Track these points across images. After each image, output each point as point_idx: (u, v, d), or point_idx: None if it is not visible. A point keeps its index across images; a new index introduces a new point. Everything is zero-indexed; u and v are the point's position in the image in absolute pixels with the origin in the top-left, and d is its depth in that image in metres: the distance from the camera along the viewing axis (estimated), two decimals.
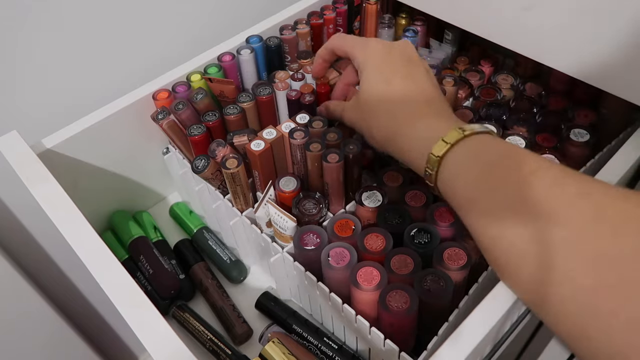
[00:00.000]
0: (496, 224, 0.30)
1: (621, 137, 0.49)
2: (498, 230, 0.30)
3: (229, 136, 0.48)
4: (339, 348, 0.46)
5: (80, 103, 0.63)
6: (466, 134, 0.33)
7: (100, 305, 0.93)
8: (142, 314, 0.35)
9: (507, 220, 0.30)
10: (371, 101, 0.40)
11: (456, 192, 0.34)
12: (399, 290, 0.38)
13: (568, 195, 0.28)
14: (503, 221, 0.30)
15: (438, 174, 0.34)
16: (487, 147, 0.33)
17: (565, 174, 0.29)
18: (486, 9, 0.47)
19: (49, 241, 0.77)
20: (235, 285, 0.56)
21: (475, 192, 0.32)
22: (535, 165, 0.30)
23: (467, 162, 0.33)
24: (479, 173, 0.32)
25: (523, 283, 0.30)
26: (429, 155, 0.34)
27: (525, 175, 0.30)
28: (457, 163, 0.33)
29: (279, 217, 0.44)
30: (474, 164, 0.33)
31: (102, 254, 0.38)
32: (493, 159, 0.32)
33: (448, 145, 0.33)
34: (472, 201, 0.32)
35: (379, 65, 0.41)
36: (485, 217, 0.31)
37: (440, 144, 0.34)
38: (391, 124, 0.38)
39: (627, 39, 0.39)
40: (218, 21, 0.73)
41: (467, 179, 0.33)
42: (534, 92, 0.53)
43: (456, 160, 0.33)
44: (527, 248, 0.28)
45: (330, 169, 0.43)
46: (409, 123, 0.37)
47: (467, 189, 0.33)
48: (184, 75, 0.53)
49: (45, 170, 0.44)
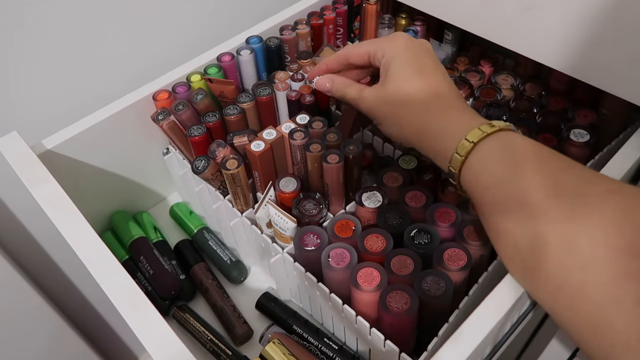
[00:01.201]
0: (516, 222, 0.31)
1: (621, 137, 0.49)
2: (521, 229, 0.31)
3: (229, 137, 0.48)
4: (339, 349, 0.46)
5: (80, 104, 0.63)
6: (490, 131, 0.34)
7: (100, 305, 0.93)
8: (142, 315, 0.35)
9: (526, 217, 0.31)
10: (405, 93, 0.39)
11: (478, 189, 0.34)
12: (399, 291, 0.38)
13: (597, 192, 0.29)
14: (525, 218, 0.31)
15: (462, 170, 0.35)
16: (514, 145, 0.33)
17: (591, 172, 0.31)
18: (486, 9, 0.47)
19: (49, 242, 0.77)
20: (235, 285, 0.56)
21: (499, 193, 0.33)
22: (564, 164, 0.32)
23: (492, 158, 0.33)
24: (504, 171, 0.33)
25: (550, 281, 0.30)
26: (463, 141, 0.34)
27: (551, 171, 0.31)
28: (482, 160, 0.34)
29: (279, 218, 0.44)
30: (499, 161, 0.33)
31: (102, 255, 0.38)
32: (525, 152, 0.33)
33: (484, 133, 0.34)
34: (495, 203, 0.33)
35: (412, 58, 0.40)
36: (504, 215, 0.32)
37: (476, 132, 0.34)
38: (424, 116, 0.38)
39: (627, 39, 0.39)
40: (218, 22, 0.72)
41: (490, 178, 0.33)
42: (534, 92, 0.53)
43: (480, 157, 0.34)
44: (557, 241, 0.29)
45: (330, 170, 0.43)
46: (442, 116, 0.37)
47: (490, 187, 0.33)
48: (184, 76, 0.53)
49: (46, 171, 0.44)
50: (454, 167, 0.35)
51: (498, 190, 0.32)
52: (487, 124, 0.35)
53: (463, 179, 0.35)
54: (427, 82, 0.39)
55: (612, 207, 0.28)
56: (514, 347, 0.54)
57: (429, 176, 0.46)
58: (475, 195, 0.35)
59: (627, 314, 0.25)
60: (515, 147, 0.33)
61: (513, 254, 0.32)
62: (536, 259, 0.30)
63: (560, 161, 0.32)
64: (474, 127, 0.34)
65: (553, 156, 0.33)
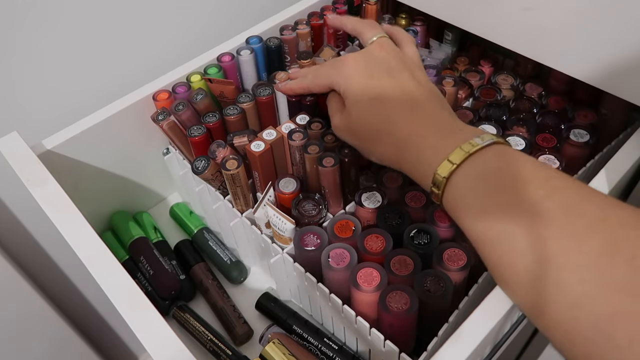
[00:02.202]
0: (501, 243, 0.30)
1: (621, 137, 0.49)
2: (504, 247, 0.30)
3: (229, 137, 0.48)
4: (339, 349, 0.46)
5: (80, 104, 0.63)
6: (472, 151, 0.32)
7: (100, 305, 0.93)
8: (142, 315, 0.35)
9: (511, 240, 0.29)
10: (365, 125, 0.38)
11: (461, 213, 0.33)
12: (399, 291, 0.38)
13: (585, 221, 0.28)
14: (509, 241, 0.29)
15: (444, 193, 0.33)
16: (495, 166, 0.32)
17: (578, 196, 0.29)
18: (486, 9, 0.47)
19: (49, 242, 0.77)
20: (235, 285, 0.56)
21: (482, 215, 0.31)
22: (548, 187, 0.29)
23: (473, 183, 0.32)
24: (486, 194, 0.31)
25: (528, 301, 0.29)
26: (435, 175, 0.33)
27: (537, 200, 0.29)
28: (463, 184, 0.32)
29: (278, 219, 0.44)
30: (481, 185, 0.31)
31: (103, 255, 0.38)
32: (501, 181, 0.31)
33: (454, 165, 0.32)
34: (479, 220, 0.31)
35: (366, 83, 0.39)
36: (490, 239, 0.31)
37: (446, 164, 0.32)
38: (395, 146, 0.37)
39: (627, 39, 0.39)
40: (218, 22, 0.73)
41: (473, 201, 0.32)
42: (534, 92, 0.53)
43: (461, 181, 0.32)
44: (536, 269, 0.28)
45: (325, 173, 0.43)
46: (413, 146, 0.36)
47: (473, 210, 0.32)
48: (184, 76, 0.53)
49: (46, 171, 0.44)
50: (435, 199, 0.34)
51: (477, 221, 0.31)
52: (458, 147, 0.32)
53: (446, 208, 0.34)
54: (386, 106, 0.37)
55: (599, 240, 0.27)
56: (514, 347, 0.54)
57: None
58: (458, 218, 0.33)
59: (621, 352, 0.25)
60: (489, 174, 0.31)
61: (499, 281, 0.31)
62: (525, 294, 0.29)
63: (541, 184, 0.30)
64: (444, 157, 0.32)
65: (535, 176, 0.30)
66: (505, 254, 0.30)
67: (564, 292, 0.27)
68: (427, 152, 0.34)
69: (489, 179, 0.31)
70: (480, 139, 0.33)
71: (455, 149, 0.32)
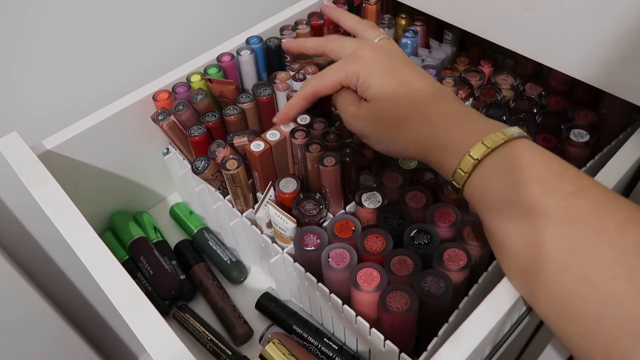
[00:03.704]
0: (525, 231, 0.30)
1: (621, 137, 0.49)
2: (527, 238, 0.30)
3: (229, 137, 0.48)
4: (339, 349, 0.46)
5: (80, 104, 0.63)
6: (506, 139, 0.32)
7: (100, 305, 0.93)
8: (142, 315, 0.35)
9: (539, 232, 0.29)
10: (394, 110, 0.37)
11: (482, 208, 0.33)
12: (399, 291, 0.38)
13: (615, 222, 0.28)
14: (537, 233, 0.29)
15: (465, 187, 0.33)
16: (527, 158, 0.32)
17: (605, 197, 0.29)
18: (486, 9, 0.47)
19: (49, 242, 0.77)
20: (235, 285, 0.56)
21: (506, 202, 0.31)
22: (578, 185, 0.30)
23: (505, 168, 0.32)
24: (517, 184, 0.31)
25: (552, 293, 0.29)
26: (466, 157, 0.33)
27: (566, 195, 0.29)
28: (494, 167, 0.32)
29: (279, 218, 0.44)
30: (509, 175, 0.31)
31: (103, 255, 0.38)
32: (533, 170, 0.31)
33: (488, 149, 0.32)
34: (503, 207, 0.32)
35: (389, 68, 0.38)
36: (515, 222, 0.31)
37: (479, 147, 0.32)
38: (423, 130, 0.36)
39: (627, 39, 0.39)
40: (218, 22, 0.73)
41: (502, 188, 0.32)
42: (534, 92, 0.53)
43: (492, 165, 0.32)
44: (564, 261, 0.28)
45: (327, 173, 0.43)
46: (442, 128, 0.35)
47: (498, 195, 0.32)
48: (184, 76, 0.53)
49: (46, 171, 0.44)
50: (457, 183, 0.34)
51: (504, 211, 0.31)
52: (491, 134, 0.32)
53: (466, 195, 0.34)
54: (413, 90, 0.37)
55: (632, 240, 0.27)
56: (514, 347, 0.54)
57: (429, 176, 0.46)
58: (479, 212, 0.33)
59: None
60: (523, 163, 0.31)
61: (519, 272, 0.31)
62: (546, 285, 0.29)
63: (571, 181, 0.30)
64: (477, 141, 0.32)
65: (564, 174, 0.31)
66: (532, 245, 0.30)
67: (593, 287, 0.27)
68: (458, 132, 0.34)
69: (521, 169, 0.31)
70: (515, 129, 0.33)
71: (491, 133, 0.32)
